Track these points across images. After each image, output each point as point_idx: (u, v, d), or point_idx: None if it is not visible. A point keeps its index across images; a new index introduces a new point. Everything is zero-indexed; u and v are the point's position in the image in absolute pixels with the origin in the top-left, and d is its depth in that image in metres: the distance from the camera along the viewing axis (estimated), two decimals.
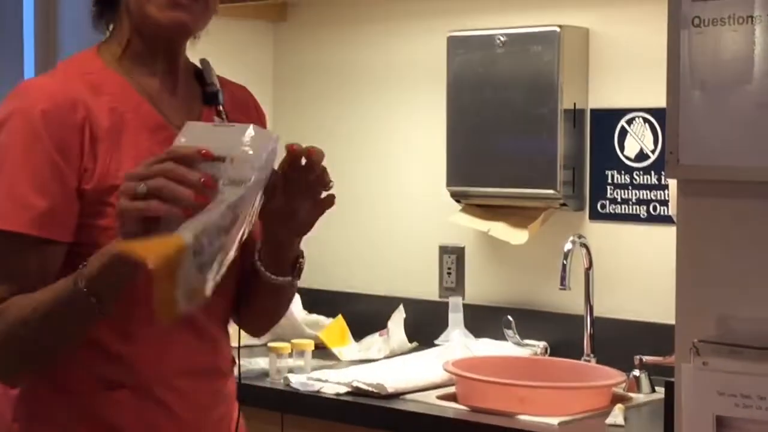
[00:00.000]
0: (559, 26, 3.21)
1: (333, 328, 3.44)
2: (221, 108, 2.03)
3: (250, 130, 1.80)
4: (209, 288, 1.71)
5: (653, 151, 3.16)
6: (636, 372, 2.97)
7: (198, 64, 2.07)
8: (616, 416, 2.67)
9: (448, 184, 3.41)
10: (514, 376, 2.87)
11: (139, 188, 1.70)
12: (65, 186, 1.87)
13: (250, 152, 1.77)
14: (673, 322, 1.98)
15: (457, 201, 3.42)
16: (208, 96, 2.04)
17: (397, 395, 2.89)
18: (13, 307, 1.83)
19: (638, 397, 2.92)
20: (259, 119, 2.14)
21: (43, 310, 1.81)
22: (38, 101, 1.88)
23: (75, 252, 1.87)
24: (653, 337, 3.03)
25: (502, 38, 3.29)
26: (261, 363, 3.16)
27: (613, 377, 2.86)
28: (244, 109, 2.12)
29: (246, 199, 1.76)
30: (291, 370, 3.10)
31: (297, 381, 3.01)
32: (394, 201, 3.65)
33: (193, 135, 1.79)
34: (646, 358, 2.95)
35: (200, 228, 1.66)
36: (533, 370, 3.00)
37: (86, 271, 1.79)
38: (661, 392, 2.71)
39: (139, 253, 1.64)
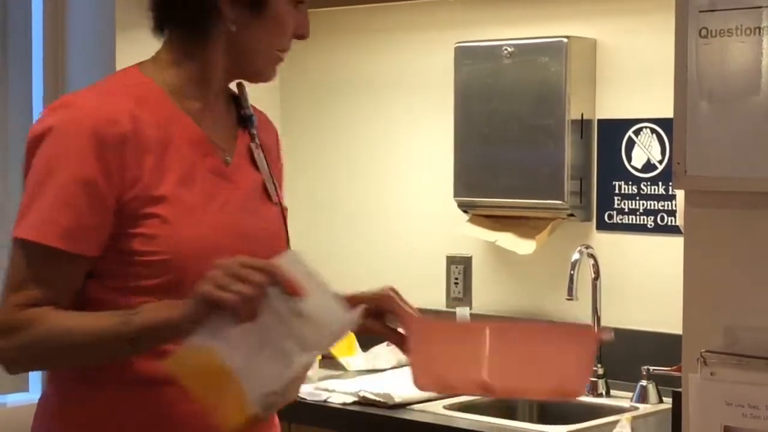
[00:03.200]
0: (567, 37, 3.21)
1: None
2: (254, 132, 2.10)
3: (338, 305, 1.87)
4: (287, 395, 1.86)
5: (660, 162, 3.16)
6: (643, 382, 2.96)
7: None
8: (624, 427, 2.67)
9: (456, 194, 3.41)
10: None
11: (233, 287, 1.78)
12: (102, 204, 1.91)
13: (330, 330, 1.86)
14: (680, 332, 1.98)
15: (465, 211, 3.42)
16: (243, 119, 2.10)
17: (404, 405, 2.89)
18: (46, 319, 1.89)
19: (645, 408, 2.92)
20: (279, 149, 2.22)
21: (82, 337, 1.89)
22: (84, 117, 1.92)
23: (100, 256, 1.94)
24: (660, 347, 3.03)
25: (509, 49, 3.29)
26: None
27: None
28: (272, 136, 2.20)
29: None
30: None
31: (304, 391, 3.01)
32: (402, 211, 3.65)
33: (291, 265, 1.84)
34: (653, 369, 2.95)
35: (268, 393, 1.81)
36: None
37: (138, 322, 1.86)
38: (668, 403, 2.71)
39: (213, 415, 1.81)
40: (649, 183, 3.18)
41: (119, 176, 1.91)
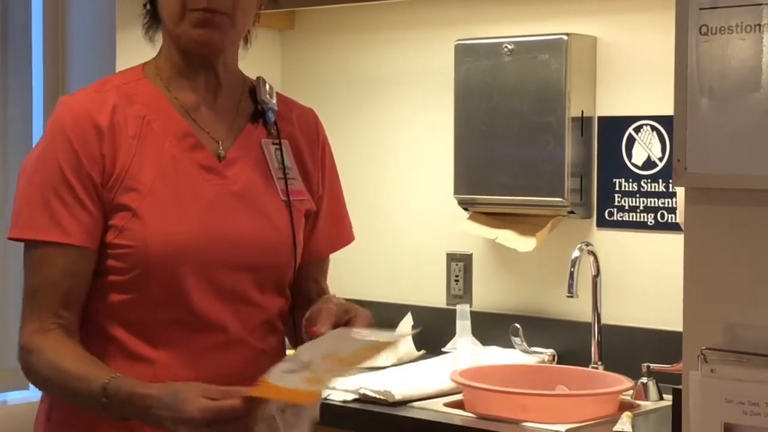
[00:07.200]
0: (567, 34, 3.21)
1: None
2: (272, 126, 2.09)
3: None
4: None
5: (661, 159, 3.16)
6: (644, 379, 2.96)
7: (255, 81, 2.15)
8: (624, 424, 2.67)
9: (456, 191, 3.41)
10: (522, 385, 2.87)
11: None
12: (92, 196, 1.95)
13: None
14: (680, 329, 1.98)
15: (465, 209, 3.42)
16: (258, 113, 2.10)
17: (404, 402, 2.89)
18: (48, 355, 1.92)
19: (646, 405, 2.92)
20: (321, 147, 2.21)
21: (65, 390, 1.92)
22: (65, 115, 1.98)
23: None
24: (661, 344, 3.03)
25: (509, 46, 3.29)
26: None
27: (620, 384, 2.86)
28: (307, 132, 2.18)
29: None
30: None
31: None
32: (402, 209, 3.65)
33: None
34: (653, 366, 2.95)
35: None
36: (541, 378, 2.99)
37: (115, 408, 1.87)
38: (668, 400, 2.71)
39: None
40: (649, 180, 3.18)
41: (97, 170, 1.95)
